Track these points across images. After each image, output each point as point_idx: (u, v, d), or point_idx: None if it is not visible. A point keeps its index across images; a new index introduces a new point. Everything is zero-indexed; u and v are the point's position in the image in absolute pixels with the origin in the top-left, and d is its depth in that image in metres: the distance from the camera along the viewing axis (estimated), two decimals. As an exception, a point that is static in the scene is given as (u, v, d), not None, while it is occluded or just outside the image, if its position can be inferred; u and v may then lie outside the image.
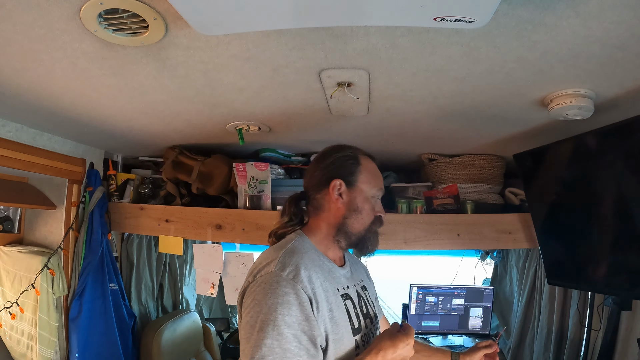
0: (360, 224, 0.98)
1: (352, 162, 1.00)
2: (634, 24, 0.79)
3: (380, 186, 1.03)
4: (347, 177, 0.98)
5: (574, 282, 1.70)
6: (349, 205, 0.98)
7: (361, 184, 0.99)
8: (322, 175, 1.00)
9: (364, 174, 1.00)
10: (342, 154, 1.01)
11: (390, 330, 0.91)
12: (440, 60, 0.97)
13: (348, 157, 1.00)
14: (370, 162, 1.04)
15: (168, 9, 0.78)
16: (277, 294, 0.81)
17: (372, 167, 1.04)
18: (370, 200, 1.00)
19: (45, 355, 1.78)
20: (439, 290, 2.63)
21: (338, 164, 0.99)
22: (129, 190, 2.10)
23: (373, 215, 1.01)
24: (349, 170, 0.99)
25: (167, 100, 1.29)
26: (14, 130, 1.58)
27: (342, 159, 1.00)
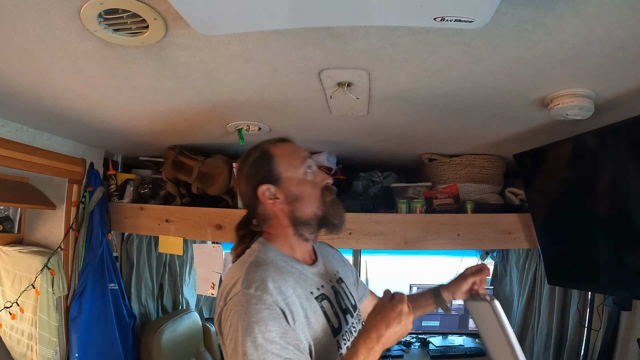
0: (309, 207, 0.93)
1: (264, 159, 0.94)
2: (634, 24, 0.79)
3: (303, 159, 0.96)
4: (268, 178, 0.93)
5: (574, 282, 1.70)
6: (288, 200, 0.92)
7: (285, 173, 0.93)
8: (248, 190, 0.95)
9: (281, 163, 0.94)
10: (252, 159, 0.95)
11: (381, 304, 0.87)
12: (440, 60, 0.97)
13: (259, 158, 0.95)
14: (282, 146, 0.97)
15: (168, 9, 0.77)
16: (250, 313, 0.77)
17: (286, 150, 0.97)
18: (305, 179, 0.94)
19: (45, 355, 1.78)
20: (439, 290, 2.63)
21: (253, 171, 0.94)
22: (129, 190, 2.10)
23: (317, 189, 0.94)
24: (266, 170, 0.93)
25: (167, 100, 1.29)
26: (14, 130, 1.58)
27: (254, 163, 0.95)
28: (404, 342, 2.61)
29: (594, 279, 1.54)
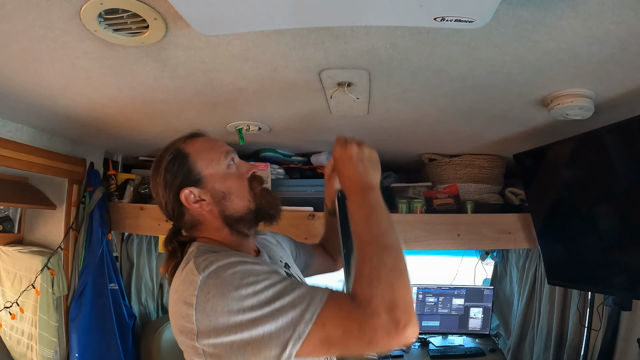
0: (240, 202, 0.85)
1: (179, 160, 0.84)
2: (634, 24, 0.79)
3: (223, 151, 0.87)
4: (189, 180, 0.83)
5: (574, 282, 1.70)
6: (215, 200, 0.83)
7: (206, 171, 0.84)
8: (169, 198, 0.84)
9: (199, 160, 0.84)
10: (165, 163, 0.85)
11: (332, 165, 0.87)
12: (440, 60, 0.97)
13: (172, 160, 0.84)
14: (195, 142, 0.88)
15: (168, 9, 0.78)
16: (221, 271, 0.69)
17: (201, 145, 0.87)
18: (230, 173, 0.86)
19: (45, 355, 1.78)
20: (439, 290, 2.64)
21: (169, 176, 0.84)
22: (129, 190, 2.10)
23: (244, 181, 0.87)
24: (184, 171, 0.83)
25: (167, 100, 1.29)
26: (14, 130, 1.58)
27: (169, 167, 0.84)
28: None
29: (594, 279, 1.54)
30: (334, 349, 0.66)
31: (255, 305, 0.66)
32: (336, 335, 0.65)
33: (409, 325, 0.63)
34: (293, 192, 1.87)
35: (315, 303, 0.67)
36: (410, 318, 0.64)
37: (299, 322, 0.65)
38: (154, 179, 0.87)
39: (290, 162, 2.04)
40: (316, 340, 0.65)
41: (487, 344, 2.55)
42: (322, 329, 0.65)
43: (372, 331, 0.63)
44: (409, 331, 0.63)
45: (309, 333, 0.65)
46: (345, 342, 0.65)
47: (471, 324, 2.61)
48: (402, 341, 0.63)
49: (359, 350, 0.65)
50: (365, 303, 0.64)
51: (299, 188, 1.88)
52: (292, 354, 0.65)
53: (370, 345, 0.64)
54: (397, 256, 0.71)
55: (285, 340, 0.65)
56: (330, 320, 0.65)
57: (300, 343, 0.65)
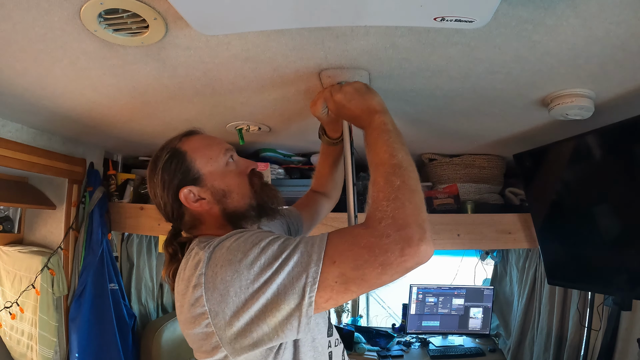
0: (241, 199, 0.83)
1: (176, 159, 0.82)
2: (634, 24, 0.79)
3: (221, 148, 0.85)
4: (187, 179, 0.81)
5: (574, 282, 1.70)
6: (216, 198, 0.81)
7: (204, 169, 0.82)
8: (167, 199, 0.82)
9: (197, 158, 0.82)
10: (162, 162, 0.83)
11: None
12: (440, 60, 0.97)
13: (169, 160, 0.82)
14: (192, 140, 0.86)
15: (168, 9, 0.77)
16: (225, 242, 0.67)
17: (198, 142, 0.85)
18: (228, 171, 0.84)
19: (45, 355, 1.78)
20: (439, 290, 2.64)
21: (167, 175, 0.81)
22: (129, 190, 2.10)
23: (244, 178, 0.85)
24: (182, 170, 0.81)
25: (167, 101, 1.29)
26: (14, 130, 1.58)
27: (167, 168, 0.82)
28: (404, 342, 2.61)
29: (594, 279, 1.54)
30: (352, 286, 0.62)
31: (264, 265, 0.64)
32: (348, 267, 0.62)
33: (423, 242, 0.61)
34: (293, 192, 1.87)
35: (318, 244, 0.65)
36: (422, 235, 0.62)
37: (309, 265, 0.63)
38: (151, 179, 0.85)
39: (290, 162, 2.04)
40: (331, 280, 0.62)
41: (487, 344, 2.55)
42: (334, 265, 0.62)
43: (384, 252, 0.60)
44: (422, 247, 0.61)
45: (322, 274, 0.62)
46: (359, 273, 0.61)
47: (471, 324, 2.62)
48: (415, 259, 0.60)
49: (376, 278, 0.61)
50: (375, 225, 0.63)
51: (299, 188, 1.88)
52: (312, 302, 0.62)
53: (385, 269, 0.60)
54: (406, 174, 0.70)
55: (302, 287, 0.62)
56: (339, 253, 0.63)
57: (316, 287, 0.62)
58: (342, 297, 0.64)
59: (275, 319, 0.63)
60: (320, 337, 0.79)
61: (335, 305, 0.66)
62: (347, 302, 3.08)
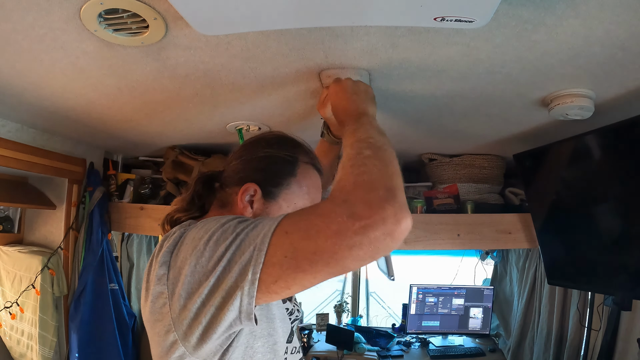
0: None
1: (284, 169, 0.77)
2: (634, 24, 0.79)
3: (312, 199, 0.81)
4: (268, 186, 0.76)
5: (574, 282, 1.70)
6: (255, 215, 0.75)
7: (283, 201, 0.76)
8: (241, 169, 0.78)
9: (292, 190, 0.77)
10: (278, 154, 0.78)
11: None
12: (440, 60, 0.97)
13: (282, 160, 0.78)
14: (311, 176, 0.80)
15: (168, 9, 0.77)
16: (201, 224, 0.64)
17: (310, 183, 0.80)
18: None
19: (45, 355, 1.78)
20: (439, 290, 2.64)
21: (265, 163, 0.77)
22: (129, 190, 2.10)
23: None
24: (276, 178, 0.76)
25: (167, 100, 1.29)
26: (14, 130, 1.58)
27: (274, 160, 0.77)
28: (404, 342, 2.61)
29: (594, 279, 1.54)
30: (304, 262, 0.53)
31: (220, 238, 0.59)
32: (300, 236, 0.54)
33: (389, 204, 0.52)
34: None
35: (275, 218, 0.58)
36: (391, 198, 0.53)
37: (258, 237, 0.56)
38: (254, 147, 0.80)
39: (290, 162, 2.04)
40: (280, 254, 0.54)
41: (487, 344, 2.55)
42: (285, 236, 0.55)
43: (339, 216, 0.52)
44: (389, 211, 0.51)
45: (271, 247, 0.55)
46: (312, 244, 0.53)
47: (471, 324, 2.62)
48: (381, 227, 0.51)
49: (330, 251, 0.52)
50: (336, 193, 0.56)
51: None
52: (256, 279, 0.55)
53: (340, 238, 0.51)
54: (381, 149, 0.64)
55: (247, 260, 0.55)
56: (292, 224, 0.56)
57: (262, 260, 0.54)
58: (293, 277, 0.55)
59: (219, 297, 0.57)
60: (279, 342, 0.75)
61: (287, 288, 0.56)
62: (347, 302, 3.08)
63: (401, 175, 0.61)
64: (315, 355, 2.48)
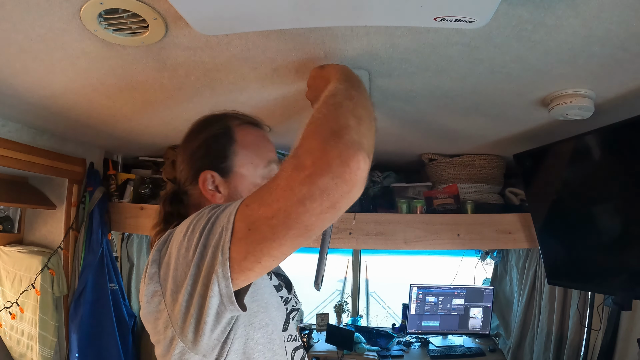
0: None
1: (223, 141, 0.77)
2: (634, 24, 0.79)
3: (266, 158, 0.80)
4: (219, 165, 0.76)
5: (574, 282, 1.70)
6: (230, 198, 0.75)
7: (240, 168, 0.77)
8: (190, 167, 0.78)
9: (241, 154, 0.77)
10: (210, 133, 0.78)
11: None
12: (440, 60, 0.97)
13: (217, 136, 0.78)
14: (249, 133, 0.80)
15: (168, 9, 0.77)
16: (186, 220, 0.63)
17: (253, 139, 0.80)
18: (258, 184, 0.77)
19: (45, 355, 1.78)
20: (439, 290, 2.64)
21: (204, 149, 0.77)
22: (129, 190, 2.10)
23: None
24: (221, 154, 0.76)
25: (167, 100, 1.29)
26: (14, 130, 1.58)
27: (210, 141, 0.77)
28: (404, 342, 2.61)
29: (594, 279, 1.54)
30: (265, 228, 0.51)
31: (196, 226, 0.59)
32: (259, 203, 0.52)
33: (327, 146, 0.48)
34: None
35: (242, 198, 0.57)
36: (327, 141, 0.49)
37: (225, 216, 0.56)
38: (188, 139, 0.80)
39: (290, 162, 2.04)
40: (244, 227, 0.53)
41: (487, 344, 2.55)
42: (247, 208, 0.54)
43: (285, 172, 0.50)
44: (330, 153, 0.48)
45: (236, 222, 0.53)
46: (271, 208, 0.50)
47: (471, 324, 2.62)
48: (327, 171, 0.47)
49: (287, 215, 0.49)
50: (295, 150, 0.52)
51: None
52: (226, 259, 0.54)
53: (289, 192, 0.49)
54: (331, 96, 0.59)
55: (216, 242, 0.55)
56: (251, 195, 0.55)
57: (229, 238, 0.53)
58: (260, 249, 0.53)
59: (202, 285, 0.56)
60: (277, 330, 0.75)
61: (257, 262, 0.54)
62: (347, 302, 3.08)
63: (366, 115, 0.56)
64: (315, 355, 2.48)
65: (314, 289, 0.92)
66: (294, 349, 0.82)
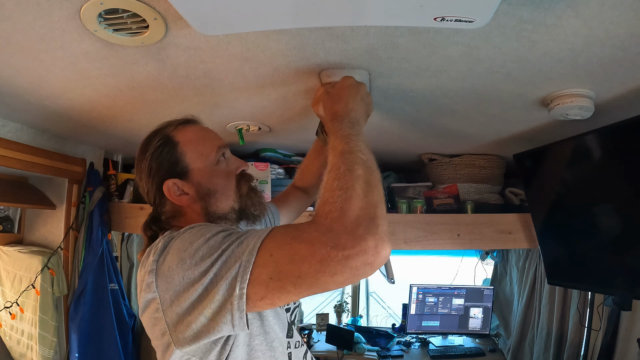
0: (224, 201, 0.81)
1: (167, 148, 0.80)
2: (634, 24, 0.79)
3: (214, 145, 0.83)
4: (174, 172, 0.79)
5: (574, 282, 1.70)
6: (199, 195, 0.79)
7: (194, 164, 0.79)
8: (151, 187, 0.81)
9: (188, 152, 0.80)
10: (153, 150, 0.81)
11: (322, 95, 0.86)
12: (440, 60, 0.97)
13: (160, 147, 0.80)
14: (187, 131, 0.83)
15: (168, 9, 0.78)
16: (184, 232, 0.67)
17: (193, 134, 0.83)
18: (217, 170, 0.81)
19: (45, 355, 1.78)
20: (439, 290, 2.64)
21: (155, 163, 0.80)
22: (129, 190, 2.10)
23: (232, 179, 0.83)
24: (171, 161, 0.79)
25: (167, 100, 1.29)
26: (14, 130, 1.58)
27: (156, 155, 0.80)
28: (404, 342, 2.61)
29: (594, 279, 1.54)
30: (288, 285, 0.57)
31: (205, 254, 0.62)
32: (284, 261, 0.57)
33: (371, 236, 0.54)
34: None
35: (259, 235, 0.61)
36: (374, 229, 0.55)
37: (243, 254, 0.59)
38: (139, 163, 0.84)
39: (290, 162, 2.04)
40: (266, 275, 0.57)
41: (487, 344, 2.55)
42: (270, 258, 0.58)
43: (323, 246, 0.54)
44: (370, 243, 0.54)
45: (257, 267, 0.58)
46: (296, 269, 0.56)
47: (471, 324, 2.62)
48: (362, 257, 0.54)
49: (313, 277, 0.55)
50: (321, 219, 0.57)
51: (299, 188, 1.88)
52: (243, 294, 0.58)
53: (323, 266, 0.54)
54: (369, 169, 0.65)
55: (233, 276, 0.58)
56: (277, 246, 0.59)
57: (247, 277, 0.58)
58: (278, 296, 0.59)
59: (210, 310, 0.60)
60: (277, 338, 0.77)
61: (272, 306, 0.62)
62: (347, 302, 3.08)
63: (384, 198, 0.63)
64: (315, 355, 2.48)
65: None
66: (304, 354, 0.86)
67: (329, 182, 0.63)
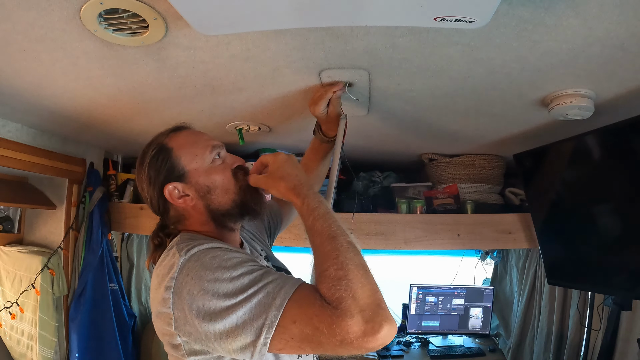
0: (225, 195, 0.84)
1: (162, 156, 0.84)
2: (634, 24, 0.79)
3: (207, 145, 0.86)
4: (172, 176, 0.83)
5: (574, 282, 1.70)
6: (200, 194, 0.83)
7: (189, 166, 0.83)
8: (154, 194, 0.85)
9: (183, 155, 0.84)
10: (149, 159, 0.85)
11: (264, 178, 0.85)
12: (440, 60, 0.97)
13: (156, 156, 0.84)
14: (179, 136, 0.87)
15: (168, 9, 0.78)
16: (202, 255, 0.70)
17: (185, 139, 0.87)
18: (213, 167, 0.85)
19: (45, 355, 1.78)
20: (439, 290, 2.64)
21: (153, 172, 0.84)
22: (129, 190, 2.10)
23: (228, 173, 0.86)
24: (168, 167, 0.83)
25: (167, 100, 1.29)
26: (14, 130, 1.58)
27: (153, 164, 0.84)
28: (404, 342, 2.61)
29: (594, 279, 1.54)
30: (307, 348, 0.65)
31: (230, 293, 0.65)
32: (307, 330, 0.63)
33: (385, 324, 0.61)
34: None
35: (286, 290, 0.66)
36: (385, 317, 0.61)
37: (270, 308, 0.64)
38: (138, 174, 0.88)
39: (290, 162, 2.04)
40: (288, 335, 0.64)
41: (487, 344, 2.55)
42: (293, 325, 0.63)
43: (344, 332, 0.60)
44: (385, 330, 0.60)
45: (280, 326, 0.63)
46: (317, 340, 0.63)
47: (471, 324, 2.61)
48: (378, 342, 0.60)
49: (332, 350, 0.63)
50: (335, 303, 0.62)
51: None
52: (267, 342, 0.64)
53: (343, 346, 0.61)
54: (359, 254, 0.69)
55: (259, 326, 0.64)
56: (300, 317, 0.64)
57: (273, 330, 0.63)
58: (295, 352, 0.66)
59: (229, 346, 0.66)
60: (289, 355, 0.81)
61: (287, 355, 0.71)
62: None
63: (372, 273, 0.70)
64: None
65: None
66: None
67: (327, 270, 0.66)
